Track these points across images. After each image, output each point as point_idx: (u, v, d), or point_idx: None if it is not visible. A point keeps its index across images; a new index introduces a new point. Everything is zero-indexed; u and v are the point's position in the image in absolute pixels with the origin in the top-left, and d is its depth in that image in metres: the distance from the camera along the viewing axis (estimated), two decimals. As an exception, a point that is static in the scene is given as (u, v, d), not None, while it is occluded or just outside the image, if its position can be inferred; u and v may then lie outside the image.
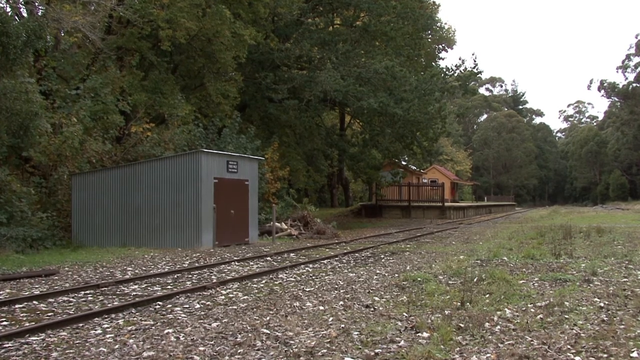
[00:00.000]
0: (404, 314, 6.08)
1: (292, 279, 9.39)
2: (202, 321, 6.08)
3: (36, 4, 18.56)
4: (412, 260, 11.89)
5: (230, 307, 6.93)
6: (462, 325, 5.47)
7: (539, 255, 11.23)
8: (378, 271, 10.01)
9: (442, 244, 16.10)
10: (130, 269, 10.86)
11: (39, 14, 17.25)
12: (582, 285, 7.70)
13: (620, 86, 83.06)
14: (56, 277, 9.74)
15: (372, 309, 6.40)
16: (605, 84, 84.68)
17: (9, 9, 17.72)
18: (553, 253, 11.33)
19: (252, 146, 21.60)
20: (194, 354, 4.77)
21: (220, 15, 19.55)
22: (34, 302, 7.54)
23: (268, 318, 6.03)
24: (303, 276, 9.77)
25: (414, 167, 43.65)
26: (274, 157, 23.39)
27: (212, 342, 5.11)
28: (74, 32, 18.61)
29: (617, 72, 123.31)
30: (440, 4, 72.89)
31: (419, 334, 5.21)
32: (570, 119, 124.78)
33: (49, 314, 6.83)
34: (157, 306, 7.14)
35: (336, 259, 12.68)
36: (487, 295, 6.98)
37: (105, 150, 17.72)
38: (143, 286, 8.81)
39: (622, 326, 5.41)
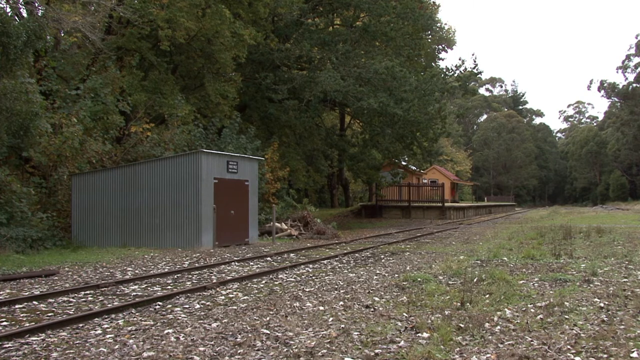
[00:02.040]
0: (404, 314, 6.08)
1: (292, 279, 9.39)
2: (202, 321, 6.08)
3: (36, 4, 18.55)
4: (412, 260, 11.89)
5: (230, 307, 6.93)
6: (462, 325, 5.47)
7: (539, 255, 11.23)
8: (378, 271, 10.01)
9: (442, 244, 16.10)
10: (130, 269, 10.86)
11: (39, 14, 17.24)
12: (582, 285, 7.70)
13: (620, 86, 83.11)
14: (56, 278, 9.74)
15: (372, 309, 6.40)
16: (605, 84, 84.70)
17: (9, 9, 17.73)
18: (553, 253, 11.33)
19: (252, 146, 21.60)
20: (194, 354, 4.77)
21: (220, 15, 19.54)
22: (34, 302, 7.54)
23: (268, 318, 6.03)
24: (303, 276, 9.77)
25: (414, 168, 43.67)
26: (274, 157, 23.39)
27: (212, 343, 5.11)
28: (73, 32, 18.61)
29: (617, 72, 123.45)
30: (440, 4, 72.91)
31: (419, 334, 5.21)
32: (570, 119, 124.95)
33: (49, 314, 6.83)
34: (157, 306, 7.14)
35: (336, 259, 12.67)
36: (487, 296, 6.98)
37: (105, 150, 17.72)
38: (143, 286, 8.81)
39: (622, 326, 5.41)
